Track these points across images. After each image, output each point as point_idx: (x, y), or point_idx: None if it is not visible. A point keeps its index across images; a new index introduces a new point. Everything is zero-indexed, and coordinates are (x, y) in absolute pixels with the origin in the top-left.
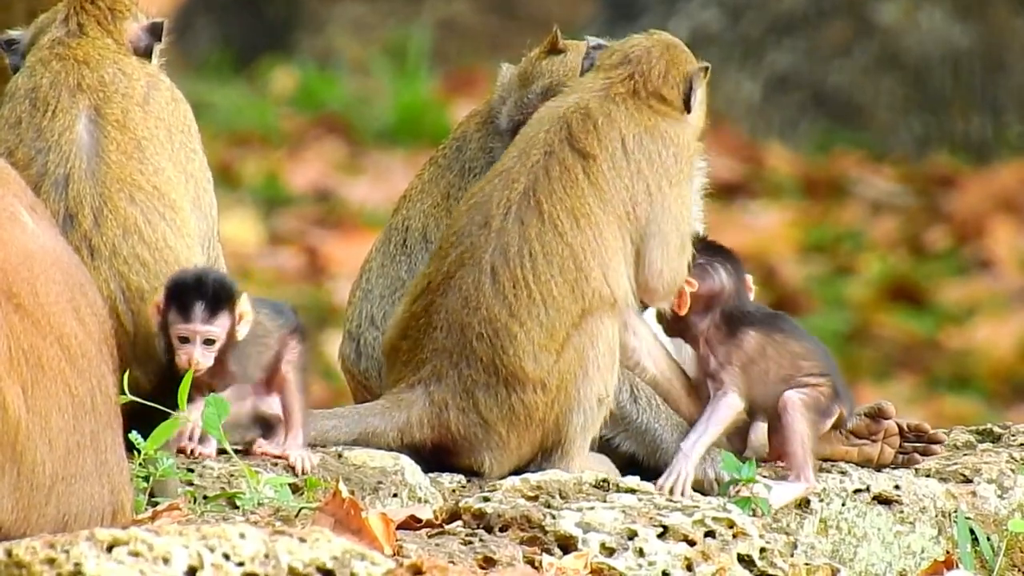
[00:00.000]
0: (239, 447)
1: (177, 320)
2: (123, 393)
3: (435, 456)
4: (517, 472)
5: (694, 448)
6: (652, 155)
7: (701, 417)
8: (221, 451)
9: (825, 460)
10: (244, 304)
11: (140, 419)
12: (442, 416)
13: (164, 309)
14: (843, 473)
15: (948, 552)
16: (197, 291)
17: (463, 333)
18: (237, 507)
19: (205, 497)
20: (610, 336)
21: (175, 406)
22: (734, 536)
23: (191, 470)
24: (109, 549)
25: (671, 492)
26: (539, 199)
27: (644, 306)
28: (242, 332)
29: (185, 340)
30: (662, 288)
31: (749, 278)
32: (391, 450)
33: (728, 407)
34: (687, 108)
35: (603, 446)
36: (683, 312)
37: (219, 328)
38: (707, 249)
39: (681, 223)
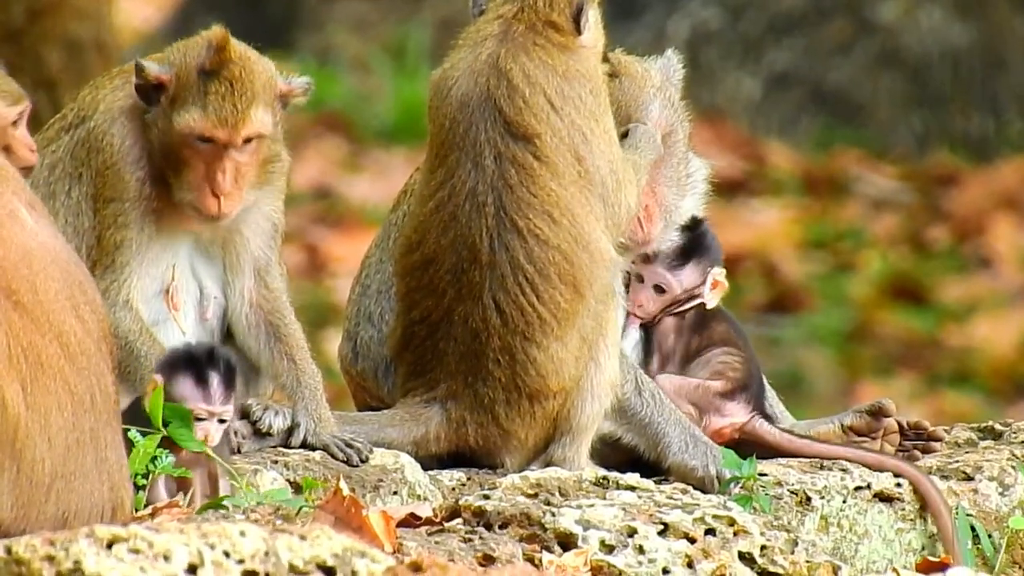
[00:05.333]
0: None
1: (197, 399)
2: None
3: (450, 461)
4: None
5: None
6: (575, 101)
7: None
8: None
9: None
10: None
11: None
12: (460, 431)
13: (170, 379)
14: (844, 470)
15: (942, 556)
16: (213, 366)
17: (477, 360)
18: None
19: (206, 498)
20: (613, 317)
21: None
22: (735, 534)
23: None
24: (109, 546)
25: None
26: (513, 218)
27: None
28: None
29: (200, 419)
30: (624, 224)
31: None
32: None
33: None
34: (578, 29)
35: (605, 440)
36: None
37: (232, 408)
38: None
39: (613, 156)
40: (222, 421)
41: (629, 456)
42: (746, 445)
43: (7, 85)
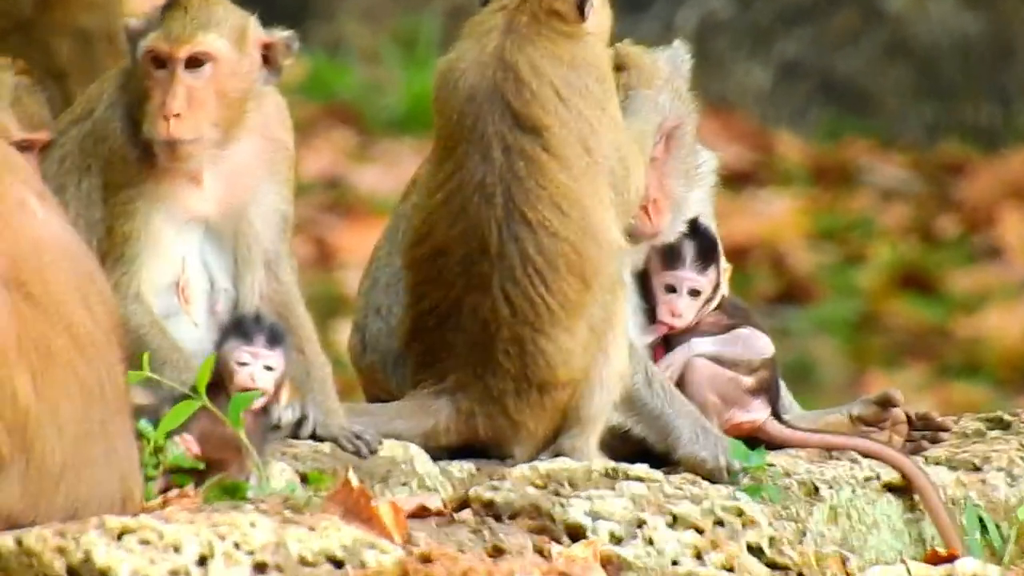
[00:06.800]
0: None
1: (240, 344)
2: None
3: (459, 452)
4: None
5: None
6: (582, 91)
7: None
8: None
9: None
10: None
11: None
12: (469, 422)
13: (221, 346)
14: (853, 461)
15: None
16: (259, 323)
17: (486, 351)
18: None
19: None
20: (621, 308)
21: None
22: (743, 525)
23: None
24: (119, 537)
25: None
26: (522, 210)
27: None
28: (283, 398)
29: (244, 364)
30: (635, 206)
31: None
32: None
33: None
34: (582, 15)
35: (615, 432)
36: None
37: (279, 358)
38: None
39: (620, 143)
40: (268, 368)
41: (638, 447)
42: (752, 438)
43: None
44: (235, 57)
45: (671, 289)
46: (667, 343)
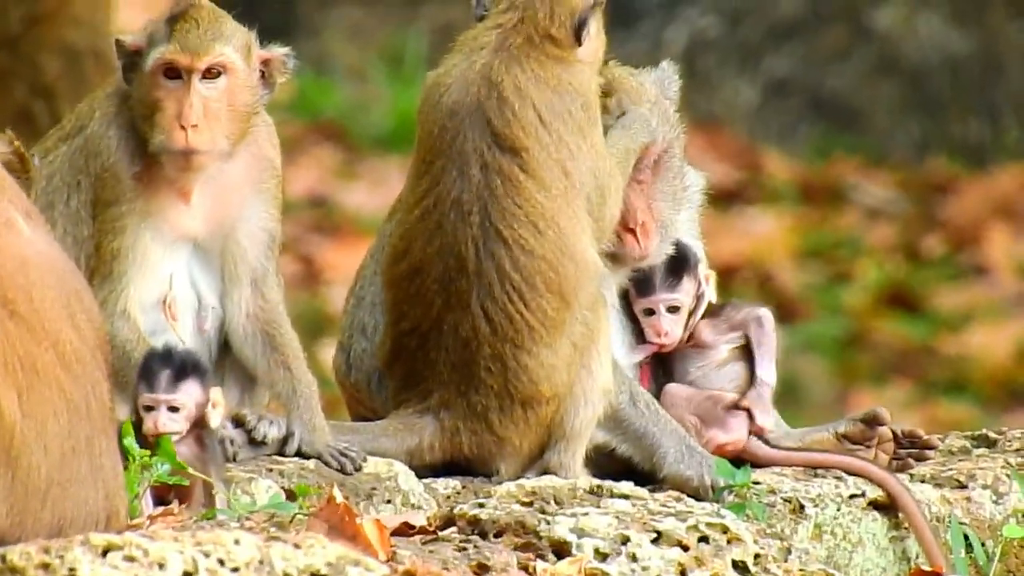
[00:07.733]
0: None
1: (143, 390)
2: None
3: (444, 470)
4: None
5: (771, 375)
6: (564, 116)
7: (757, 347)
8: None
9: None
10: (216, 393)
11: None
12: (454, 440)
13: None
14: (839, 478)
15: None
16: (163, 361)
17: (468, 369)
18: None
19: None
20: (604, 324)
21: None
22: (728, 542)
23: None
24: (104, 554)
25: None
26: (498, 228)
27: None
28: (214, 420)
29: (150, 408)
30: (608, 233)
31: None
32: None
33: (769, 320)
34: (578, 41)
35: (601, 450)
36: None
37: (184, 396)
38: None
39: (599, 171)
40: (173, 409)
41: (624, 465)
42: (737, 457)
43: None
44: (246, 70)
45: (650, 312)
46: (661, 363)
